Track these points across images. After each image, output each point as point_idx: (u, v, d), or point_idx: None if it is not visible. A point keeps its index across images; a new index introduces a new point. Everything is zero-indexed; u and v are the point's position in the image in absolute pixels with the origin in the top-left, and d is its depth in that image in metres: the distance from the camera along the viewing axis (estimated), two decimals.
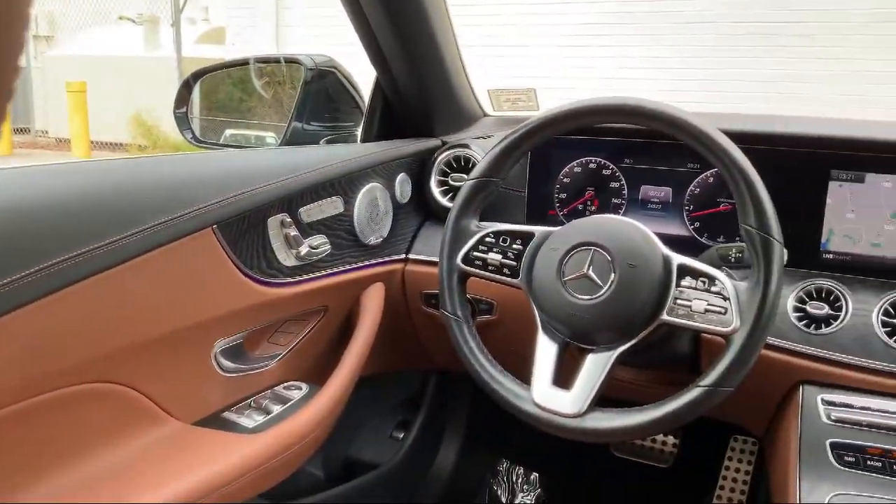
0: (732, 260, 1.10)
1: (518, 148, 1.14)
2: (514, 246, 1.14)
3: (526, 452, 2.03)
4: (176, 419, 1.07)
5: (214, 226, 1.06)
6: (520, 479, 2.03)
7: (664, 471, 1.86)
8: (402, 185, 1.46)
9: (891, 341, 1.12)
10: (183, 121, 1.60)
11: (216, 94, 1.79)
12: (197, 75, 1.64)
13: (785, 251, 1.00)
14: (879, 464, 1.08)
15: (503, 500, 1.99)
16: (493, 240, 1.15)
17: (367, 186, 1.36)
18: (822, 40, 6.02)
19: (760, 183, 0.98)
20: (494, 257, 1.14)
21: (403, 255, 1.48)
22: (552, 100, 1.22)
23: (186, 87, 1.62)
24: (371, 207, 1.37)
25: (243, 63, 1.68)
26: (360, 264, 1.38)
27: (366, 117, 1.60)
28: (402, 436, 1.79)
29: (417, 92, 1.52)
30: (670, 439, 1.89)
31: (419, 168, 1.52)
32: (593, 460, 1.95)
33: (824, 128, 1.24)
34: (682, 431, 1.88)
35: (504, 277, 1.14)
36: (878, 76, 5.79)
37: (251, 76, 1.70)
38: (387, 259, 1.44)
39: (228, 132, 1.90)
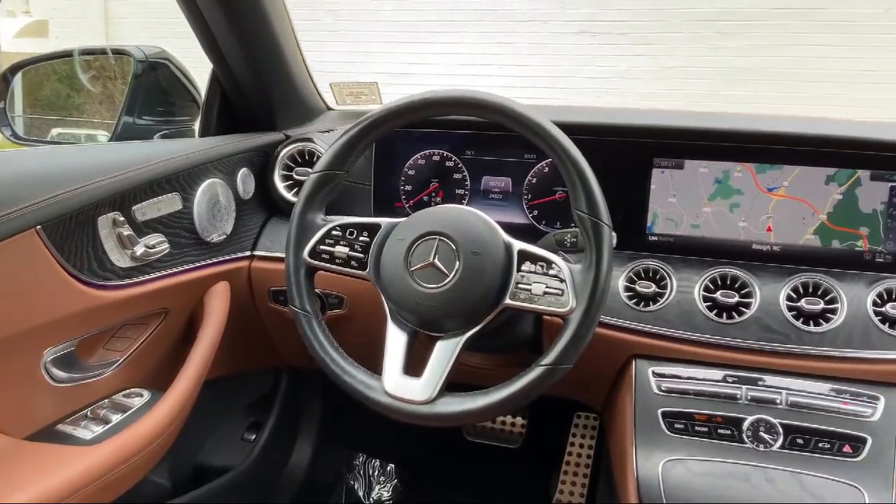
0: (568, 244, 1.15)
1: (361, 141, 1.14)
2: (361, 238, 1.14)
3: (381, 445, 2.04)
4: (4, 434, 1.00)
5: (38, 227, 0.99)
6: (376, 472, 2.04)
7: (514, 451, 1.93)
8: (245, 181, 1.43)
9: (711, 314, 1.22)
10: (0, 117, 1.49)
11: (41, 89, 1.68)
12: (15, 69, 1.54)
13: (614, 234, 1.07)
14: (705, 428, 1.18)
15: (360, 494, 2.00)
16: (340, 233, 1.15)
17: (206, 182, 1.32)
18: (644, 38, 6.41)
19: (590, 171, 1.04)
20: (342, 250, 1.14)
21: (248, 252, 1.44)
22: (395, 94, 1.23)
23: (4, 82, 1.51)
24: (212, 204, 1.33)
25: (66, 55, 1.58)
26: (203, 263, 1.33)
27: (203, 111, 1.54)
28: (254, 437, 1.75)
29: (257, 86, 1.48)
30: (519, 420, 1.96)
31: (262, 163, 1.49)
32: (447, 447, 1.99)
33: (647, 118, 1.33)
34: (530, 412, 1.95)
35: (352, 270, 1.14)
36: (696, 72, 6.24)
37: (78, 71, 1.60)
38: (231, 257, 1.40)
39: (55, 131, 1.78)
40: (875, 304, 1.18)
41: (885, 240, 1.22)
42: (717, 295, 1.23)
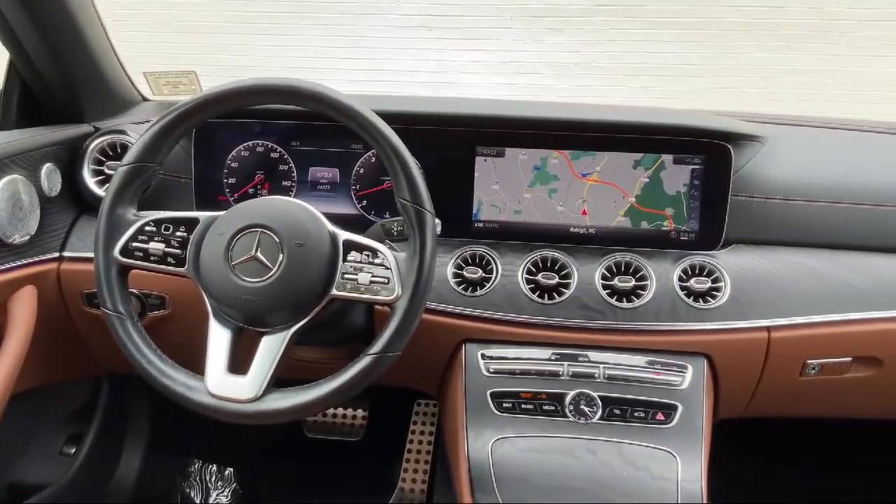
0: (395, 233, 1.15)
1: (174, 131, 1.09)
2: (179, 234, 1.09)
3: (218, 449, 1.97)
4: None
5: None
6: (213, 477, 1.96)
7: (356, 444, 1.93)
8: (50, 177, 1.33)
9: (534, 296, 1.27)
10: None
11: None
12: None
13: (438, 221, 1.09)
14: (531, 406, 1.23)
15: (197, 501, 1.92)
16: (155, 228, 1.09)
17: (5, 179, 1.21)
18: (480, 33, 6.57)
19: (411, 159, 1.05)
20: (157, 247, 1.08)
21: (57, 254, 1.34)
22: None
23: None
24: (12, 203, 1.23)
25: None
26: (4, 267, 1.23)
27: (1, 103, 1.42)
28: (73, 450, 1.63)
29: (60, 75, 1.38)
30: (360, 413, 1.96)
31: (69, 157, 1.39)
32: (287, 445, 1.95)
33: (468, 107, 1.36)
34: (370, 404, 1.96)
35: (169, 267, 1.09)
36: (529, 66, 6.47)
37: None
38: (37, 259, 1.30)
39: None
40: (681, 279, 1.27)
41: (688, 219, 1.31)
42: (539, 277, 1.28)
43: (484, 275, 1.29)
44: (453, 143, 1.34)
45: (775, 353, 1.25)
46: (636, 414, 1.21)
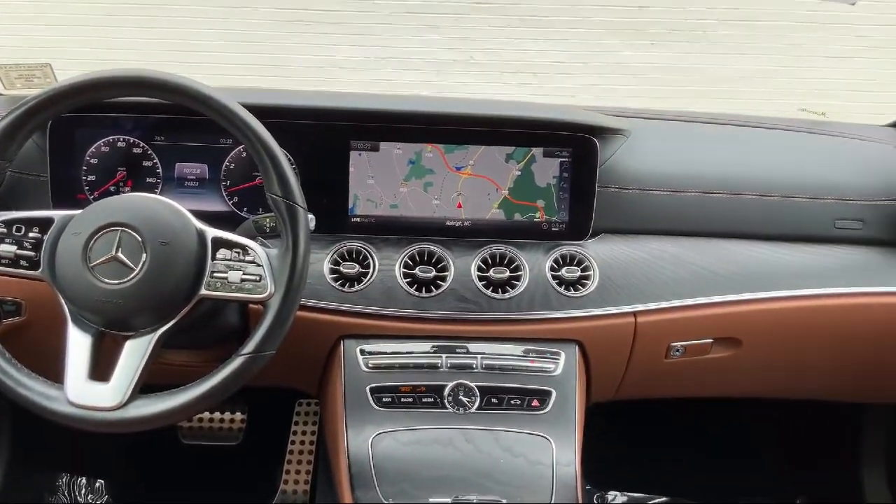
0: (268, 230, 1.13)
1: (23, 126, 1.03)
2: (32, 235, 1.03)
3: (88, 461, 1.87)
4: None
5: None
6: (84, 491, 1.86)
7: (235, 448, 1.88)
8: None
9: (412, 290, 1.27)
10: None
11: None
12: None
13: (312, 216, 1.07)
14: (411, 399, 1.23)
15: None
16: (5, 230, 1.03)
17: None
18: (356, 28, 6.53)
19: (281, 152, 1.03)
20: (7, 249, 1.02)
21: None
22: None
23: None
24: None
25: None
26: None
27: None
28: None
29: None
30: (238, 416, 1.91)
31: None
32: (162, 454, 1.88)
33: (342, 101, 1.35)
34: (248, 406, 1.91)
35: (21, 270, 1.02)
36: (408, 63, 6.49)
37: None
38: None
39: None
40: (552, 269, 1.31)
41: (559, 210, 1.35)
42: (416, 271, 1.28)
43: (361, 270, 1.28)
44: (327, 138, 1.32)
45: (642, 337, 1.31)
46: (512, 402, 1.24)
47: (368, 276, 1.28)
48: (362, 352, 1.26)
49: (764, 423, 1.84)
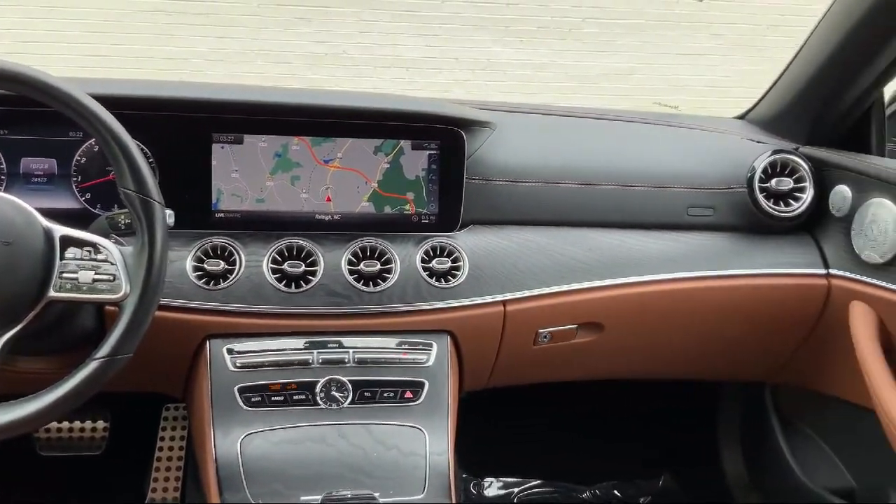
0: (123, 227, 1.08)
1: None
2: None
3: None
4: None
5: None
6: None
7: (98, 458, 1.78)
8: None
9: (280, 286, 1.25)
10: None
11: None
12: None
13: (170, 212, 1.03)
14: (281, 397, 1.21)
15: None
16: None
17: None
18: (223, 20, 6.33)
19: (134, 145, 0.98)
20: None
21: None
22: None
23: None
24: None
25: None
26: None
27: None
28: None
29: None
30: (100, 424, 1.81)
31: None
32: (16, 467, 1.75)
33: (203, 92, 1.30)
34: (111, 413, 1.81)
35: None
36: (278, 55, 6.35)
37: None
38: None
39: None
40: (423, 260, 1.31)
41: (428, 202, 1.36)
42: (285, 266, 1.26)
43: (227, 267, 1.24)
44: (187, 130, 1.27)
45: (511, 325, 1.34)
46: (386, 395, 1.24)
47: (234, 273, 1.24)
48: (230, 351, 1.23)
49: (630, 404, 1.92)
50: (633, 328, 1.44)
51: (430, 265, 1.31)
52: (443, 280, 1.31)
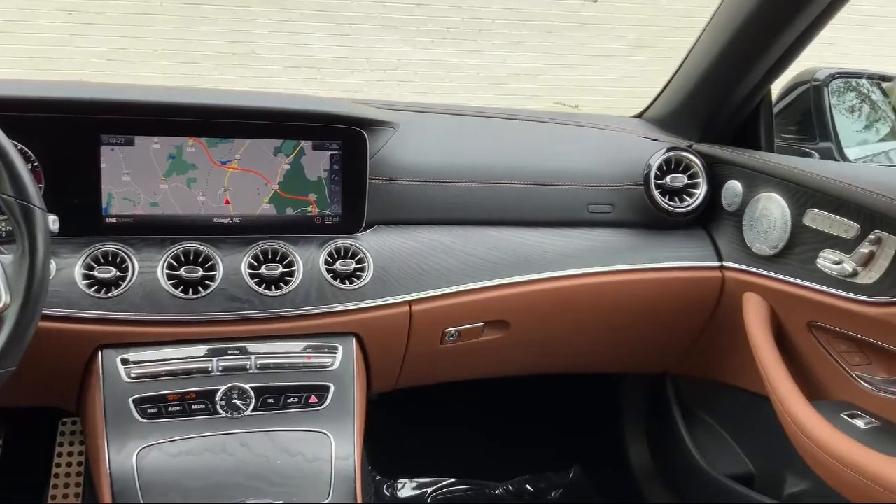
0: (3, 234, 1.02)
1: None
2: None
3: None
4: None
5: None
6: None
7: None
8: None
9: (177, 292, 1.21)
10: None
11: None
12: None
13: (54, 217, 0.98)
14: (180, 407, 1.17)
15: None
16: None
17: None
18: (126, 18, 6.12)
19: (12, 148, 0.93)
20: None
21: None
22: None
23: None
24: None
25: None
26: None
27: None
28: None
29: None
30: None
31: None
32: None
33: (89, 92, 1.24)
34: (5, 428, 1.72)
35: None
36: (184, 55, 6.18)
37: None
38: None
39: None
40: (327, 262, 1.29)
41: (331, 204, 1.34)
42: (181, 272, 1.22)
43: (119, 274, 1.19)
44: (73, 132, 1.21)
45: (417, 326, 1.33)
46: (290, 400, 1.21)
47: (127, 280, 1.19)
48: (124, 361, 1.18)
49: (539, 399, 1.95)
50: (539, 325, 1.46)
51: (334, 267, 1.29)
52: (347, 282, 1.29)
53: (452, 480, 1.89)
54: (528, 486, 1.90)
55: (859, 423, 1.18)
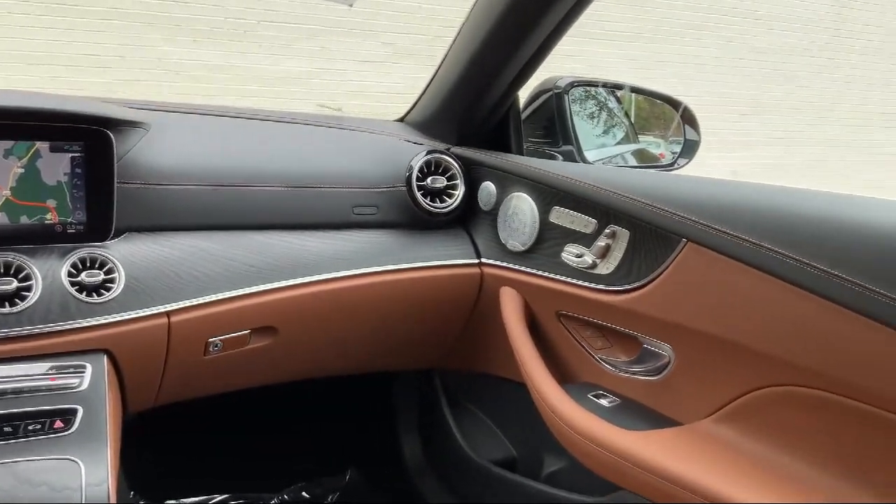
0: None
1: None
2: None
3: None
4: None
5: None
6: None
7: None
8: None
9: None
10: None
11: None
12: None
13: None
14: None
15: None
16: None
17: None
18: (47, 21, 5.33)
19: None
20: None
21: None
22: None
23: None
24: None
25: None
26: None
27: None
28: None
29: None
30: None
31: None
32: None
33: None
34: None
35: None
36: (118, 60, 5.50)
37: None
38: None
39: None
40: (70, 274, 1.19)
41: (74, 210, 1.23)
42: None
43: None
44: None
45: (177, 337, 1.26)
46: (31, 427, 1.10)
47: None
48: None
49: (313, 404, 1.93)
50: (308, 329, 1.45)
51: (79, 279, 1.19)
52: (95, 294, 1.19)
53: (225, 497, 1.82)
54: (304, 494, 1.87)
55: (604, 402, 1.29)
